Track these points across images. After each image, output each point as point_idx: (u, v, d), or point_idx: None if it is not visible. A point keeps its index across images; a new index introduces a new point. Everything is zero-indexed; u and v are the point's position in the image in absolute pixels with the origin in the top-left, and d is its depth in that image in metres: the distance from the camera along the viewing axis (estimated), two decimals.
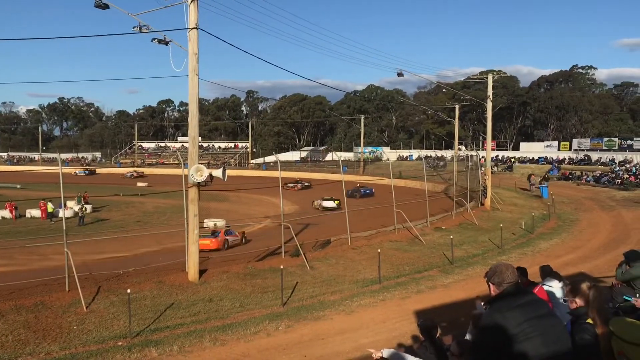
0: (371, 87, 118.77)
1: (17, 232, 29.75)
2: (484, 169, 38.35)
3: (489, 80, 35.45)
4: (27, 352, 10.78)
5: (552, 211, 33.14)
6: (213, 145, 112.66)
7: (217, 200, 43.38)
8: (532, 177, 49.02)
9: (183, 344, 11.25)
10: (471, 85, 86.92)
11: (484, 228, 27.93)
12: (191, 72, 16.50)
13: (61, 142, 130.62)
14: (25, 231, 30.15)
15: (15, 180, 60.89)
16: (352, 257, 20.15)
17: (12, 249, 24.36)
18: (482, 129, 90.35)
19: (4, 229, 30.95)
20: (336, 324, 12.92)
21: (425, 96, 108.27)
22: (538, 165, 67.44)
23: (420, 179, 45.36)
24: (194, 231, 16.55)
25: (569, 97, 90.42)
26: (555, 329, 3.43)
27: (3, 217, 34.84)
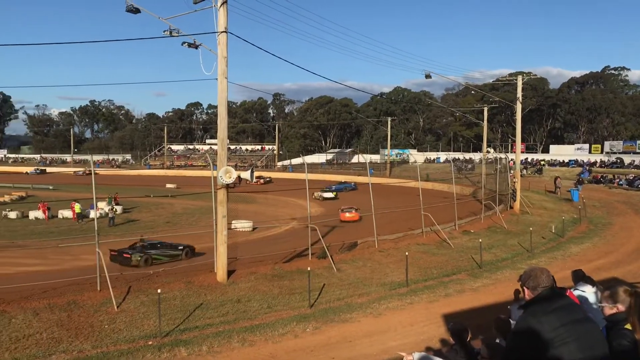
0: (398, 89, 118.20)
1: (49, 232, 30.38)
2: (513, 171, 37.83)
3: (519, 82, 34.99)
4: (61, 350, 11.02)
5: (583, 215, 32.52)
6: (240, 148, 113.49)
7: (245, 202, 43.72)
8: (558, 179, 48.17)
9: (212, 344, 11.37)
10: (500, 87, 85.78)
11: (513, 232, 27.55)
12: (220, 75, 16.66)
13: (92, 144, 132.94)
14: (58, 231, 30.76)
15: (47, 182, 62.34)
16: (379, 259, 20.09)
17: (45, 249, 24.92)
18: (511, 132, 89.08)
19: (37, 229, 31.64)
20: (364, 326, 12.90)
21: (453, 98, 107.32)
22: (568, 169, 66.26)
23: (448, 181, 45.08)
24: (222, 232, 16.72)
25: (601, 99, 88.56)
26: (592, 334, 3.37)
27: (36, 217, 35.59)
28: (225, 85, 16.77)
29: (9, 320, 12.31)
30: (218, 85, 16.77)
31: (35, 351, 10.91)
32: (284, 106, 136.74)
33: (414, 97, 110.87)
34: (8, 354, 10.73)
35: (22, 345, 11.12)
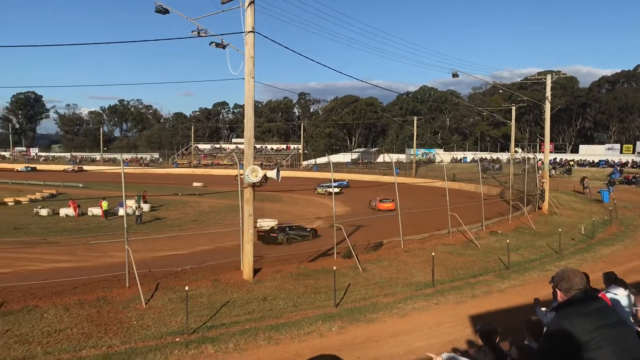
0: (424, 88, 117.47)
1: (79, 229, 30.98)
2: (542, 172, 37.30)
3: (548, 81, 34.44)
4: (90, 345, 11.21)
5: (614, 216, 31.86)
6: (266, 147, 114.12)
7: (271, 201, 43.93)
8: (586, 180, 47.32)
9: (238, 341, 11.45)
10: (528, 86, 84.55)
11: (542, 232, 27.15)
12: (247, 75, 16.76)
13: (121, 143, 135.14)
14: (87, 228, 31.36)
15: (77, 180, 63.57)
16: (405, 259, 20.00)
17: (75, 245, 25.42)
18: (540, 131, 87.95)
19: (67, 226, 32.31)
20: (389, 326, 12.85)
21: (480, 97, 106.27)
22: (598, 169, 65.07)
23: (474, 181, 44.65)
24: (249, 231, 16.83)
25: (633, 98, 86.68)
26: (627, 338, 3.31)
27: (67, 214, 36.32)
28: (252, 85, 16.86)
29: (41, 315, 12.59)
30: (245, 85, 16.87)
31: (66, 346, 11.12)
32: (309, 105, 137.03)
33: (440, 96, 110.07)
34: (40, 348, 10.97)
35: (53, 340, 11.36)
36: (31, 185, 60.01)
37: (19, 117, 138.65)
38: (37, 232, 29.59)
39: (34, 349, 10.91)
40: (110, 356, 10.62)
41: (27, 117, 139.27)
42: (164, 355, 10.68)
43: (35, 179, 66.11)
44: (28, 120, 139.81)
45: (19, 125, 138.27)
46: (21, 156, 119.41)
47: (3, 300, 13.41)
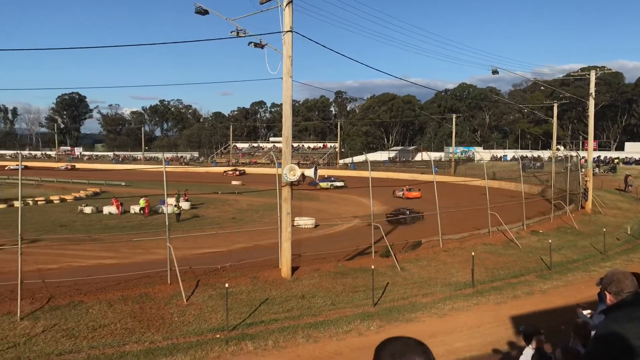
0: (463, 85, 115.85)
1: (122, 227, 31.69)
2: (585, 170, 36.33)
3: (591, 77, 33.53)
4: (134, 340, 11.48)
5: None
6: (303, 145, 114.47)
7: (308, 199, 44.10)
8: (630, 178, 45.84)
9: (277, 339, 11.54)
10: (570, 83, 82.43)
11: (585, 232, 26.47)
12: (285, 74, 16.84)
13: (162, 142, 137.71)
14: (130, 226, 32.06)
15: (120, 178, 65.09)
16: (444, 259, 19.79)
17: (118, 242, 26.02)
18: (583, 128, 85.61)
19: (110, 224, 33.09)
20: (428, 326, 12.75)
21: (521, 94, 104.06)
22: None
23: (515, 180, 43.81)
24: (287, 229, 16.93)
25: None
26: None
27: (110, 212, 37.20)
28: (290, 84, 16.94)
29: (86, 310, 12.95)
30: (283, 84, 16.96)
31: (110, 340, 11.41)
32: (346, 104, 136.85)
33: (479, 94, 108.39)
34: (86, 342, 11.28)
35: (98, 335, 11.67)
36: (76, 184, 61.74)
37: (63, 117, 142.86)
38: (82, 230, 30.40)
39: (80, 343, 11.24)
40: (152, 351, 10.85)
41: (72, 117, 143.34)
42: (205, 351, 10.85)
43: (79, 177, 67.97)
44: (72, 120, 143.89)
45: (64, 125, 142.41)
46: (66, 155, 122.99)
47: (51, 296, 13.86)
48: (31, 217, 32.55)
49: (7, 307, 12.93)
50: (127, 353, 10.73)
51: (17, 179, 16.99)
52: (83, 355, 10.62)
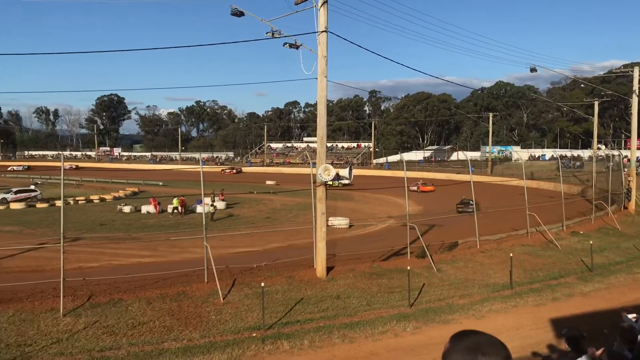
0: (500, 83, 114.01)
1: (160, 226, 32.21)
2: (628, 169, 35.31)
3: (635, 74, 32.55)
4: (172, 338, 11.65)
5: None
6: (336, 145, 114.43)
7: (343, 199, 44.07)
8: None
9: (313, 338, 11.55)
10: (612, 80, 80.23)
11: (628, 234, 25.72)
12: (320, 74, 16.85)
13: (197, 142, 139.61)
14: (167, 225, 32.57)
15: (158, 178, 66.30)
16: (481, 260, 19.51)
17: (156, 241, 26.47)
18: (625, 127, 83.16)
19: (148, 223, 33.68)
20: (466, 328, 12.55)
21: (560, 92, 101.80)
22: None
23: (554, 180, 42.93)
24: (321, 229, 16.94)
25: None
26: None
27: (148, 211, 37.88)
28: (325, 84, 16.94)
29: (125, 308, 13.21)
30: (318, 84, 16.97)
31: (149, 338, 11.61)
32: (380, 103, 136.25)
33: (517, 92, 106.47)
34: (125, 339, 11.51)
35: (137, 332, 11.89)
36: (115, 184, 63.11)
37: (103, 119, 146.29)
38: (121, 228, 31.03)
39: (120, 340, 11.46)
40: (190, 349, 10.99)
41: (111, 118, 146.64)
42: (242, 349, 10.93)
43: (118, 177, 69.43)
44: (111, 121, 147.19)
45: (103, 126, 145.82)
46: (105, 156, 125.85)
47: (91, 293, 14.19)
48: (72, 216, 33.38)
49: (50, 303, 13.29)
50: (166, 350, 10.90)
51: (59, 180, 17.45)
52: (123, 352, 10.82)
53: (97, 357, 10.57)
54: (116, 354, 10.74)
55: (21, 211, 39.34)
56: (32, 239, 26.19)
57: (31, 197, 44.78)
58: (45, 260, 20.84)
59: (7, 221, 33.29)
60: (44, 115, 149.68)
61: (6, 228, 30.66)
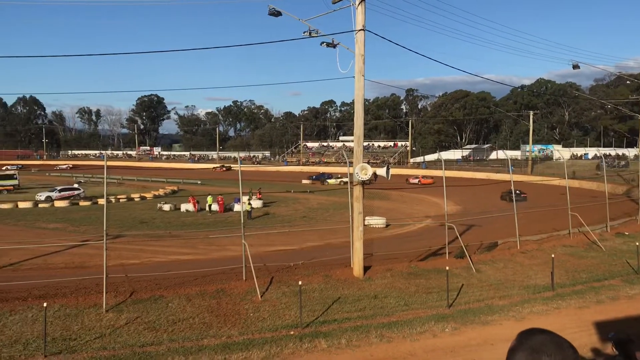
0: (540, 80, 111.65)
1: (198, 224, 32.68)
2: None
3: None
4: (211, 335, 11.80)
5: None
6: (373, 144, 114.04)
7: (380, 199, 43.90)
8: None
9: (350, 338, 11.53)
10: None
11: None
12: (357, 73, 16.80)
13: (235, 142, 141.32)
14: (205, 223, 33.02)
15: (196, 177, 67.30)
16: (521, 261, 19.14)
17: (195, 239, 26.87)
18: None
19: (187, 221, 34.20)
20: (506, 329, 12.34)
21: (603, 89, 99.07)
22: None
23: (597, 179, 41.81)
24: (358, 228, 16.88)
25: None
26: None
27: (187, 209, 38.47)
28: (362, 83, 16.89)
29: (166, 304, 13.45)
30: (355, 83, 16.92)
31: (189, 334, 11.79)
32: (417, 102, 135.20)
33: (558, 89, 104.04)
34: (166, 335, 11.71)
35: (177, 328, 12.09)
36: (155, 182, 64.33)
37: (143, 119, 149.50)
38: (161, 226, 31.59)
39: (161, 335, 11.67)
40: (229, 346, 11.11)
41: (151, 118, 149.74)
42: (280, 347, 10.99)
43: (158, 176, 70.79)
44: (151, 121, 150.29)
45: (143, 126, 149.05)
46: (145, 155, 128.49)
47: (133, 289, 14.50)
48: (114, 214, 34.18)
49: (93, 299, 13.63)
50: (205, 347, 11.04)
51: (101, 178, 17.88)
52: (164, 348, 11.01)
53: (138, 352, 10.78)
54: (157, 350, 10.93)
55: (65, 209, 40.47)
56: (76, 236, 26.93)
57: (74, 195, 46.04)
58: (88, 257, 21.40)
59: (52, 219, 34.28)
60: (87, 116, 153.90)
61: (51, 225, 31.57)
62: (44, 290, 14.81)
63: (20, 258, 21.14)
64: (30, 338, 11.29)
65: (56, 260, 21.36)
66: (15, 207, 39.94)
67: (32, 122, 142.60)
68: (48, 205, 42.22)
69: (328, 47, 17.59)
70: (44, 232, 29.19)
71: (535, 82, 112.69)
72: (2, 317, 12.26)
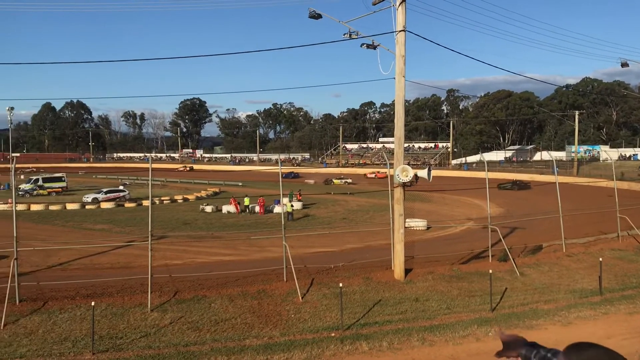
0: (586, 79, 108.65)
1: (239, 225, 33.03)
2: None
3: None
4: (253, 335, 11.92)
5: None
6: (413, 146, 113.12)
7: (421, 201, 43.51)
8: None
9: (392, 340, 11.46)
10: None
11: None
12: (398, 74, 16.71)
13: (275, 144, 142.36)
14: (246, 224, 33.34)
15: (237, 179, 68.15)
16: (567, 264, 18.65)
17: (236, 240, 27.18)
18: None
19: (229, 222, 34.61)
20: (552, 334, 12.05)
21: None
22: None
23: None
24: (399, 230, 16.77)
25: None
26: None
27: (228, 211, 38.94)
28: (403, 84, 16.79)
29: (209, 304, 13.66)
30: (396, 84, 16.83)
31: (231, 334, 11.94)
32: (458, 102, 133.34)
33: (605, 88, 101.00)
34: (209, 335, 11.90)
35: (220, 328, 12.26)
36: (197, 184, 65.40)
37: (185, 122, 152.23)
38: (203, 227, 32.06)
39: (204, 335, 11.86)
40: (271, 347, 11.20)
41: (193, 121, 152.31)
42: (321, 349, 11.02)
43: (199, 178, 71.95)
44: (193, 124, 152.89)
45: (186, 129, 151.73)
46: (188, 157, 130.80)
47: (176, 289, 14.78)
48: (158, 215, 34.86)
49: (138, 299, 13.95)
50: (247, 347, 11.16)
51: (145, 180, 18.29)
52: (207, 348, 11.19)
53: (182, 351, 10.98)
54: (200, 349, 11.11)
55: (111, 210, 41.53)
56: (121, 237, 27.58)
57: (120, 197, 47.21)
58: (133, 257, 21.90)
59: (98, 220, 35.24)
60: (131, 119, 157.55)
61: (97, 226, 32.45)
62: (91, 289, 15.25)
63: (68, 258, 21.80)
64: (79, 336, 11.64)
65: (102, 260, 21.93)
66: (63, 209, 41.22)
67: (80, 125, 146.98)
68: (95, 206, 43.40)
69: (368, 49, 17.57)
70: (91, 232, 30.03)
71: (581, 81, 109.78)
72: (52, 315, 12.68)
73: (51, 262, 21.06)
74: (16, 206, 16.09)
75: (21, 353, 10.76)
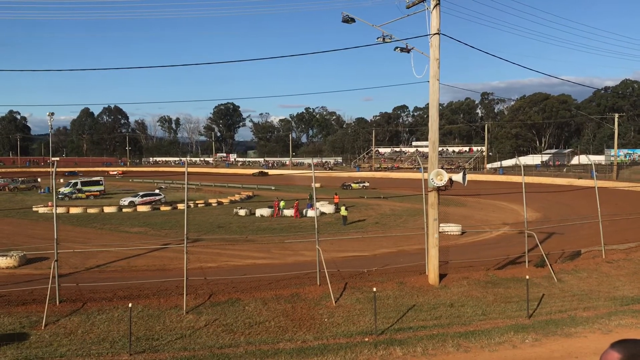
0: (626, 81, 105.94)
1: (273, 229, 33.25)
2: None
3: None
4: (287, 339, 11.95)
5: None
6: (447, 149, 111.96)
7: (455, 205, 43.04)
8: None
9: (426, 346, 11.34)
10: None
11: None
12: (432, 77, 16.58)
13: (307, 148, 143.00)
14: (279, 228, 33.54)
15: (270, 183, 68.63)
16: (607, 271, 18.16)
17: (269, 243, 27.37)
18: None
19: (262, 225, 34.86)
20: (591, 343, 11.74)
21: None
22: None
23: None
24: (434, 235, 16.60)
25: None
26: None
27: (262, 215, 39.21)
28: (437, 87, 16.65)
29: (243, 307, 13.76)
30: (430, 87, 16.71)
31: (265, 337, 12.00)
32: (493, 105, 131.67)
33: None
34: (243, 338, 11.98)
35: (254, 331, 12.33)
36: (231, 188, 66.09)
37: (219, 126, 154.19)
38: (237, 231, 32.38)
39: (238, 338, 11.95)
40: (304, 350, 11.21)
41: (227, 126, 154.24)
42: (354, 354, 10.97)
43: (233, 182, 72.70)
44: (227, 128, 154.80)
45: (220, 134, 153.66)
46: (222, 161, 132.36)
47: (211, 292, 14.94)
48: (193, 218, 35.30)
49: (174, 301, 14.14)
50: (281, 351, 11.19)
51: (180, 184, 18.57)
52: (241, 350, 11.26)
53: (217, 354, 11.08)
54: (235, 352, 11.19)
55: (147, 214, 42.28)
56: (157, 240, 28.05)
57: (156, 200, 48.04)
58: (169, 260, 22.26)
59: (135, 223, 35.92)
60: (167, 124, 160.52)
61: (134, 229, 33.08)
62: (128, 291, 15.54)
63: (106, 260, 22.30)
64: (117, 337, 11.86)
65: (139, 262, 22.34)
66: (101, 212, 42.17)
67: (117, 130, 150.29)
68: (131, 210, 44.26)
69: (402, 52, 17.47)
70: (128, 235, 30.64)
71: (621, 83, 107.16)
72: (91, 316, 12.96)
73: (89, 264, 21.56)
74: (56, 209, 16.52)
75: (61, 353, 11.01)
